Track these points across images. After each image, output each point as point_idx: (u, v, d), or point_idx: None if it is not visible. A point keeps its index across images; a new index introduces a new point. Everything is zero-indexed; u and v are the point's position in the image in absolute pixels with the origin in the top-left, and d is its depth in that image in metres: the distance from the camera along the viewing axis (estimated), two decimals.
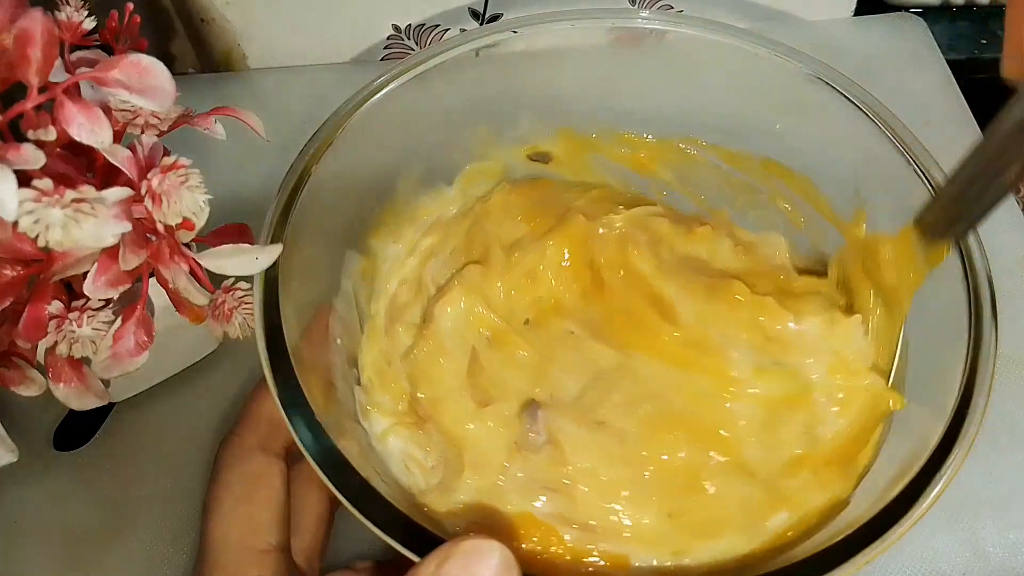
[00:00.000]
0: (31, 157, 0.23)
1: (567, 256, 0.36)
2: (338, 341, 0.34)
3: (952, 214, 0.25)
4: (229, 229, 0.31)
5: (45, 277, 0.26)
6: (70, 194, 0.22)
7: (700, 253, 0.38)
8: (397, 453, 0.33)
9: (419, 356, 0.34)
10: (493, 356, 0.34)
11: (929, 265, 0.29)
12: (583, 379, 0.34)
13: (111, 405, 0.39)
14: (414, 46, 0.52)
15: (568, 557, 0.30)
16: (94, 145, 0.25)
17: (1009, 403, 0.38)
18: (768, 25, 0.53)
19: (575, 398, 0.33)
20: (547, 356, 0.34)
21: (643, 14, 0.39)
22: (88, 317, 0.27)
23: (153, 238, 0.27)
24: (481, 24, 0.52)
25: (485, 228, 0.38)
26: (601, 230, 0.37)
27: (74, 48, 0.27)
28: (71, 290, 0.28)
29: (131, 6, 0.29)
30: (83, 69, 0.26)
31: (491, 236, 0.37)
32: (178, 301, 0.28)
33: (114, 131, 0.25)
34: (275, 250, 0.28)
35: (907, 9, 0.56)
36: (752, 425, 0.32)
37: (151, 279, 0.27)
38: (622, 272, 0.36)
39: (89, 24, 0.27)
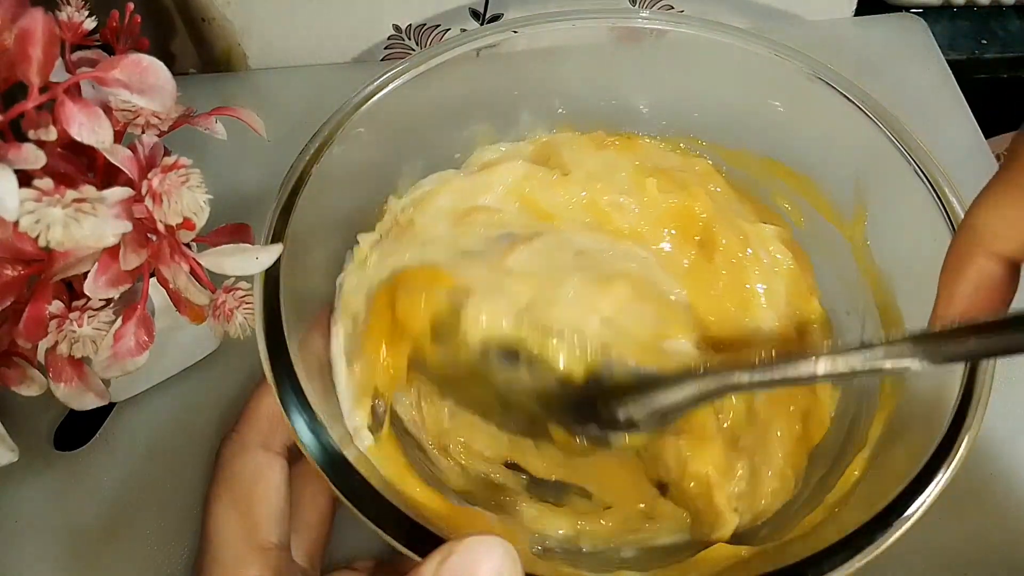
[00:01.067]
0: (32, 157, 0.23)
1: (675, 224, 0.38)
2: (339, 340, 0.34)
3: None
4: (229, 228, 0.31)
5: (46, 276, 0.26)
6: (71, 194, 0.22)
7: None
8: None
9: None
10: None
11: None
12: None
13: (111, 405, 0.39)
14: (415, 46, 0.52)
15: None
16: (95, 145, 0.25)
17: (1009, 400, 0.38)
18: (768, 25, 0.53)
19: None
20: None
21: (643, 14, 0.39)
22: (89, 317, 0.27)
23: (154, 237, 0.27)
24: (482, 24, 0.52)
25: (562, 153, 0.39)
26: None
27: (75, 48, 0.27)
28: (72, 290, 0.28)
29: (132, 6, 0.29)
30: (84, 69, 0.26)
31: (568, 159, 0.39)
32: (178, 301, 0.28)
33: (115, 131, 0.25)
34: (275, 249, 0.28)
35: (907, 9, 0.56)
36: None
37: (151, 279, 0.27)
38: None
39: (90, 24, 0.27)
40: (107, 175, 0.27)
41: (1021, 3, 0.57)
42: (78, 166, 0.26)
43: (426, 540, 0.24)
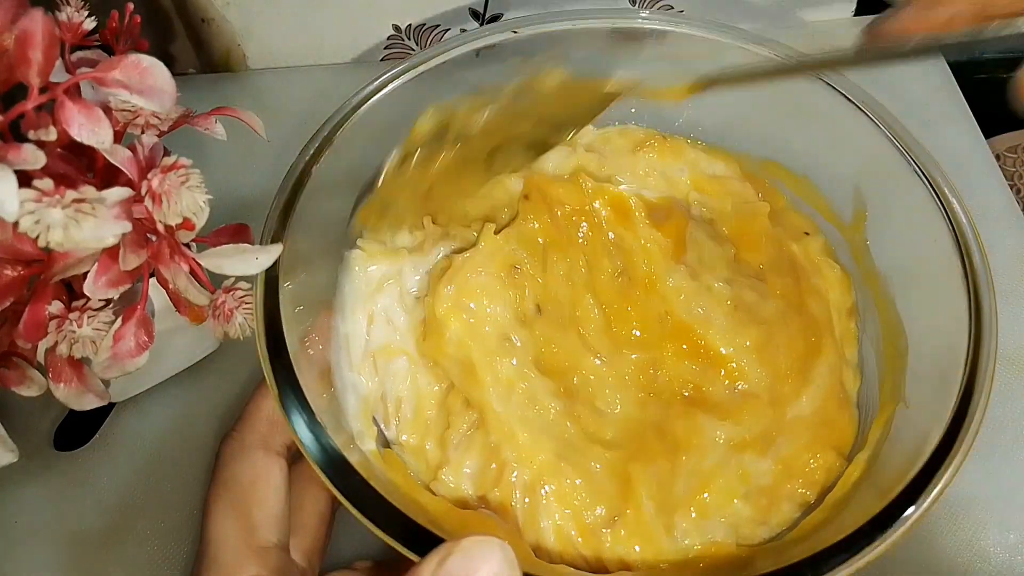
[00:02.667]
0: (32, 157, 0.23)
1: None
2: (340, 335, 0.34)
3: None
4: (229, 229, 0.31)
5: (45, 277, 0.26)
6: (71, 194, 0.22)
7: None
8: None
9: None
10: None
11: None
12: None
13: (111, 405, 0.39)
14: (414, 46, 0.52)
15: None
16: (94, 145, 0.25)
17: (1009, 403, 0.38)
18: (768, 26, 0.53)
19: None
20: None
21: (643, 14, 0.39)
22: (88, 317, 0.27)
23: (153, 238, 0.27)
24: (482, 24, 0.52)
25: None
26: None
27: (75, 48, 0.27)
28: (71, 290, 0.28)
29: (131, 6, 0.29)
30: (84, 69, 0.26)
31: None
32: (178, 301, 0.28)
33: (114, 131, 0.25)
34: (275, 250, 0.28)
35: None
36: None
37: (151, 279, 0.27)
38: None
39: (89, 24, 0.27)
40: (107, 175, 0.27)
41: None
42: (78, 167, 0.26)
43: (425, 541, 0.24)
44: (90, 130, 0.24)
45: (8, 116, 0.24)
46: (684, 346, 0.35)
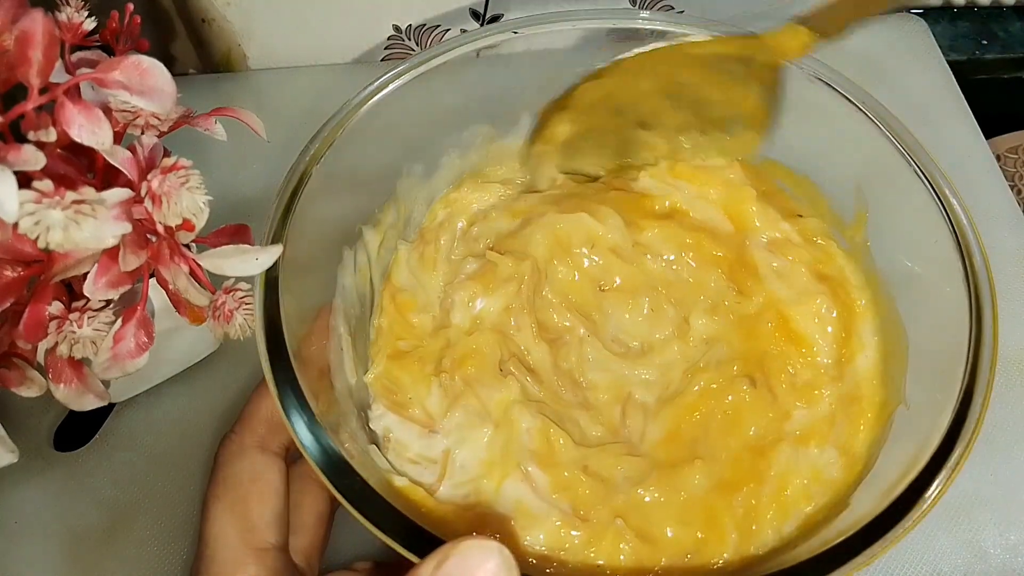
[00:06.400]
0: (31, 158, 0.23)
1: None
2: (340, 335, 0.34)
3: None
4: (229, 229, 0.31)
5: (45, 278, 0.26)
6: (70, 195, 0.22)
7: None
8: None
9: None
10: None
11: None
12: None
13: (111, 405, 0.39)
14: (415, 47, 0.52)
15: None
16: (94, 146, 0.25)
17: (1009, 403, 0.38)
18: (768, 26, 0.53)
19: None
20: None
21: (643, 14, 0.39)
22: (88, 318, 0.27)
23: (153, 239, 0.27)
24: (482, 25, 0.52)
25: None
26: None
27: (75, 49, 0.27)
28: (71, 291, 0.28)
29: (131, 6, 0.29)
30: (84, 70, 0.26)
31: None
32: (178, 302, 0.28)
33: (114, 132, 0.25)
34: (275, 250, 0.28)
35: (908, 9, 0.56)
36: None
37: (151, 280, 0.27)
38: None
39: (90, 25, 0.27)
40: (107, 176, 0.27)
41: (1021, 4, 0.57)
42: (78, 167, 0.26)
43: (424, 542, 0.24)
44: (90, 131, 0.24)
45: (8, 116, 0.24)
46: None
